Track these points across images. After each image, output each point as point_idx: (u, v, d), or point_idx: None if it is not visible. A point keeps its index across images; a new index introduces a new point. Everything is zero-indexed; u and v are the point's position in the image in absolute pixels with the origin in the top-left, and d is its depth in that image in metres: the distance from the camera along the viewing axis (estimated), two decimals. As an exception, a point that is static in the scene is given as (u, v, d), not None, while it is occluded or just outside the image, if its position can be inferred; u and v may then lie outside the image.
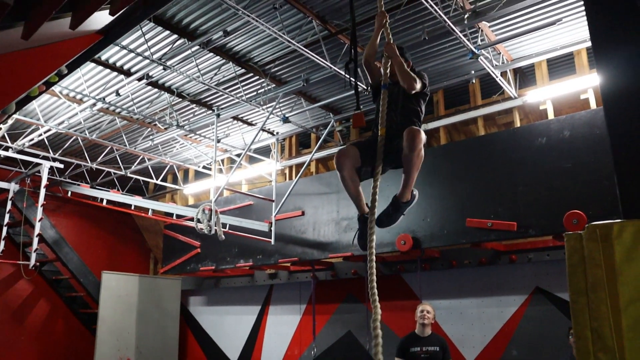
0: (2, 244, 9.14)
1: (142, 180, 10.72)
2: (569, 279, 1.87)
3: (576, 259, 1.87)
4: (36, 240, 8.83)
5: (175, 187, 11.08)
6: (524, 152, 6.18)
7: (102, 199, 8.39)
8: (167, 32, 6.30)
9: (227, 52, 6.83)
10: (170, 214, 9.26)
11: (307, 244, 8.07)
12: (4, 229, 9.29)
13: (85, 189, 8.80)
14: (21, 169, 10.02)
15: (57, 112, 8.26)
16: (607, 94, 2.10)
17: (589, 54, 6.63)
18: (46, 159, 9.24)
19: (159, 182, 10.63)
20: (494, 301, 6.84)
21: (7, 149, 8.84)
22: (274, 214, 8.19)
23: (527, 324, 6.52)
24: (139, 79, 7.04)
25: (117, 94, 7.33)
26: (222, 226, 7.44)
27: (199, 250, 9.61)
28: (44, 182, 8.69)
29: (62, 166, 9.38)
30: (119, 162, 10.05)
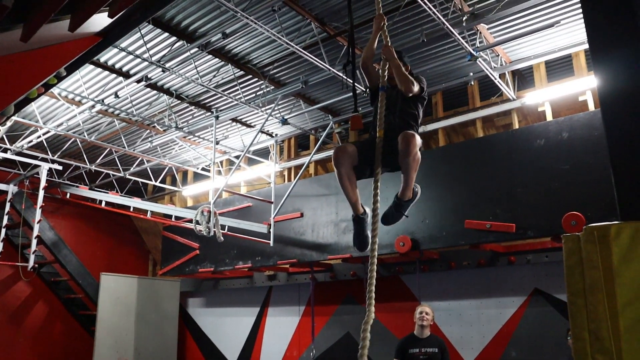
0: (1, 245, 9.12)
1: (141, 182, 10.71)
2: (567, 281, 1.87)
3: (574, 260, 1.87)
4: (35, 242, 8.81)
5: (174, 188, 11.08)
6: (522, 153, 6.18)
7: (101, 201, 8.35)
8: (166, 34, 6.31)
9: (226, 54, 6.84)
10: (169, 216, 9.23)
11: (306, 246, 8.06)
12: (3, 231, 9.26)
13: (84, 191, 8.77)
14: (20, 170, 10.02)
15: (56, 114, 8.27)
16: (605, 95, 2.11)
17: (587, 56, 6.63)
18: (45, 160, 9.22)
19: (157, 183, 10.63)
20: (493, 302, 6.84)
21: (5, 150, 8.84)
22: (272, 216, 8.19)
23: (526, 326, 6.51)
24: (138, 81, 7.05)
25: (116, 96, 7.35)
26: (221, 228, 7.44)
27: (197, 251, 9.60)
28: (43, 183, 8.67)
29: (60, 168, 9.36)
30: (117, 164, 10.06)
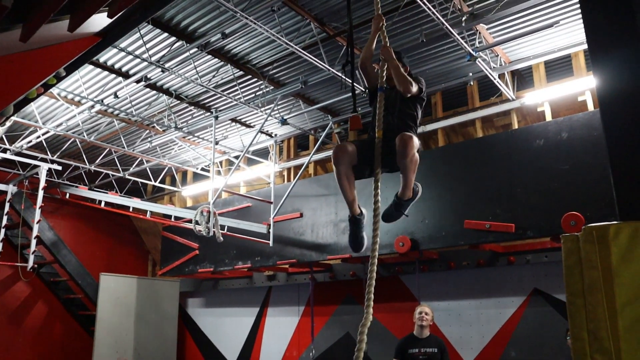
0: (0, 246, 9.12)
1: (141, 182, 10.72)
2: (566, 281, 1.87)
3: (573, 260, 1.87)
4: (34, 242, 8.80)
5: (173, 189, 11.07)
6: (521, 154, 6.19)
7: (101, 201, 8.35)
8: (166, 35, 6.31)
9: (225, 54, 6.84)
10: (168, 216, 9.23)
11: (305, 246, 8.06)
12: (2, 231, 9.26)
13: (83, 191, 8.77)
14: (19, 171, 10.01)
15: (55, 114, 8.26)
16: (604, 96, 2.11)
17: (587, 56, 6.64)
18: (44, 161, 9.22)
19: (157, 184, 10.63)
20: (492, 303, 6.84)
21: (5, 150, 8.83)
22: (272, 216, 8.19)
23: (525, 326, 6.51)
24: (137, 81, 7.05)
25: (116, 96, 7.35)
26: (221, 228, 7.44)
27: (197, 252, 9.60)
28: (42, 184, 8.67)
29: (60, 168, 9.36)
30: (117, 164, 10.06)
